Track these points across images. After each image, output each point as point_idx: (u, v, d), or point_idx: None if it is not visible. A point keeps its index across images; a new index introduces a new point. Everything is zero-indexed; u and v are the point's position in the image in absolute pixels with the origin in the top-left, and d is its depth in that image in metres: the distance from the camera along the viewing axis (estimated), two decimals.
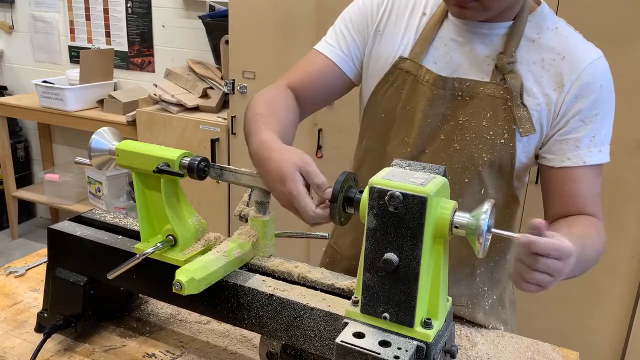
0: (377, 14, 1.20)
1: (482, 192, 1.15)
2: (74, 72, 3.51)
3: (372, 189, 0.76)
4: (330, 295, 0.91)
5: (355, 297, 0.81)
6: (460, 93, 1.12)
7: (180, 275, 0.86)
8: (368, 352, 0.73)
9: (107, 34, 3.77)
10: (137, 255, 0.95)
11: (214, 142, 2.88)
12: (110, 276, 0.97)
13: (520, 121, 1.09)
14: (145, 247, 0.96)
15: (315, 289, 0.94)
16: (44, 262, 1.32)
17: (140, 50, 3.69)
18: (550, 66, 1.09)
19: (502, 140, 1.10)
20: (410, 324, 0.76)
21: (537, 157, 1.15)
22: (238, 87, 2.72)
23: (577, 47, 1.10)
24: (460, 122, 1.12)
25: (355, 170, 1.29)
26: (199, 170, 0.94)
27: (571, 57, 1.09)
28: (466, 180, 1.13)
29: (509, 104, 1.09)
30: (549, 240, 0.81)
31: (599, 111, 1.09)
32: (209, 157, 0.97)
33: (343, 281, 0.94)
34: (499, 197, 1.16)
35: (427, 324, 0.76)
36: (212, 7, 3.22)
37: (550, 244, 0.81)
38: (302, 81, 1.21)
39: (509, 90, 1.09)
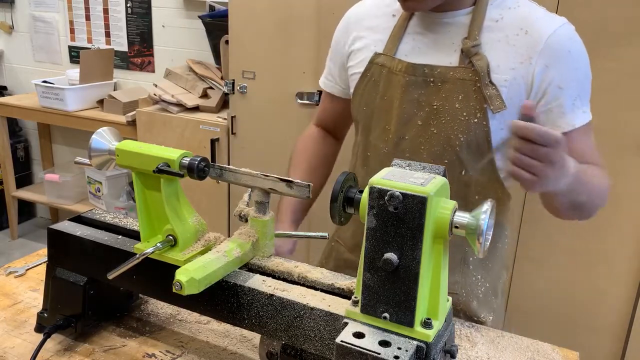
0: (347, 38, 1.32)
1: (463, 173, 1.19)
2: (74, 72, 3.51)
3: (372, 188, 0.76)
4: (330, 295, 0.91)
5: (355, 297, 0.81)
6: (432, 79, 1.17)
7: (180, 275, 0.86)
8: (368, 352, 0.72)
9: (107, 34, 3.77)
10: (137, 255, 0.95)
11: (214, 142, 2.88)
12: (110, 276, 0.97)
13: (491, 99, 1.13)
14: (145, 247, 0.96)
15: (315, 289, 0.94)
16: (44, 262, 1.32)
17: (140, 50, 3.69)
18: (515, 41, 1.14)
19: (475, 120, 1.15)
20: (410, 324, 0.76)
21: None
22: (238, 87, 2.72)
23: (539, 19, 1.14)
24: (435, 107, 1.17)
25: (351, 166, 1.35)
26: (199, 170, 0.94)
27: (533, 30, 1.13)
28: (445, 161, 1.18)
29: (478, 84, 1.14)
30: (535, 125, 0.89)
31: (574, 75, 1.14)
32: (209, 157, 0.97)
33: (343, 281, 0.94)
34: (483, 180, 1.20)
35: (427, 324, 0.76)
36: (212, 7, 3.22)
37: (535, 128, 0.89)
38: (323, 117, 1.48)
39: (477, 72, 1.13)
